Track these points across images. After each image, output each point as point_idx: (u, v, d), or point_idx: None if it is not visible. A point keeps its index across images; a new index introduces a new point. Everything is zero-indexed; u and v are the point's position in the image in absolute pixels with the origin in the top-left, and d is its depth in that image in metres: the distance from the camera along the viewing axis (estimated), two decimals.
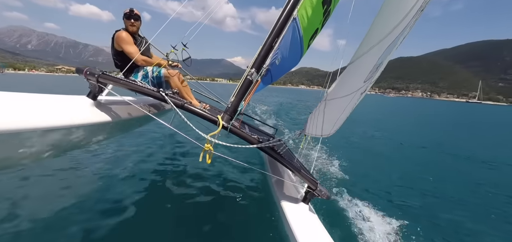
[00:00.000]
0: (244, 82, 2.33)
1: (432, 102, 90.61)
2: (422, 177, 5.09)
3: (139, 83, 2.56)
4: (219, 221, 2.90)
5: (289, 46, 2.58)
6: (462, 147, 8.73)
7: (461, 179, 5.25)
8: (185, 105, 2.21)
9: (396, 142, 8.70)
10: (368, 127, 11.46)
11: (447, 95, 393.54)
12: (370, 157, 6.69)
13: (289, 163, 2.36)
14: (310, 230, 2.05)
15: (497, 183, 4.98)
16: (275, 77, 2.85)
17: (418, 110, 31.85)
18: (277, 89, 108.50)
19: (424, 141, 9.25)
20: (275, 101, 23.54)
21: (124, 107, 2.81)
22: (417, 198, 4.09)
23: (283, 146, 2.51)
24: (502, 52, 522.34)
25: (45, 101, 1.96)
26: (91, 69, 2.35)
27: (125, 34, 2.82)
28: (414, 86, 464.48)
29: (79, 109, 2.17)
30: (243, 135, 2.22)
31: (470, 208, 3.89)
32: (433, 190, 4.46)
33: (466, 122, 20.02)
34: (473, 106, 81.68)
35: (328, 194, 2.50)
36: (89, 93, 2.40)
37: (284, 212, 2.23)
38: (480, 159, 6.97)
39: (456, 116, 25.98)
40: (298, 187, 2.80)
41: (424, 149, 7.88)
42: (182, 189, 3.51)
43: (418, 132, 12.34)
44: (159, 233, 2.60)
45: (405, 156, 7.04)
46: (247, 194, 3.59)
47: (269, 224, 2.78)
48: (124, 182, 3.59)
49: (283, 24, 2.47)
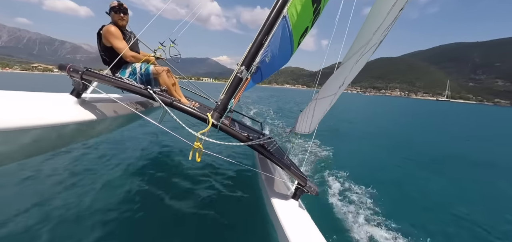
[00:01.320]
0: (234, 80, 2.31)
1: (406, 101, 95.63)
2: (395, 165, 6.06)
3: (126, 81, 2.52)
4: (209, 218, 2.91)
5: (279, 44, 2.61)
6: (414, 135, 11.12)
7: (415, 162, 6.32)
8: (174, 103, 2.19)
9: (367, 133, 10.39)
10: (345, 122, 13.18)
11: (423, 94, 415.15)
12: (353, 151, 7.15)
13: (279, 160, 2.38)
14: (300, 225, 2.07)
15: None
16: (265, 75, 2.88)
17: (387, 107, 34.89)
18: (264, 88, 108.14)
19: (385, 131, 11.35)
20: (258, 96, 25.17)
21: (110, 105, 2.74)
22: (391, 185, 4.53)
23: (273, 143, 2.46)
24: (472, 53, 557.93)
25: (25, 99, 1.89)
26: (74, 65, 2.29)
27: (114, 28, 2.74)
28: (393, 86, 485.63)
29: (62, 107, 2.08)
30: (233, 133, 2.21)
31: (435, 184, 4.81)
32: (393, 170, 5.42)
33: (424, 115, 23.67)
34: (443, 104, 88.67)
35: (317, 190, 2.52)
36: (72, 91, 2.34)
37: (274, 208, 2.24)
38: (417, 141, 9.28)
39: (419, 111, 29.44)
40: (288, 183, 2.82)
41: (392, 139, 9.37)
42: (171, 187, 3.49)
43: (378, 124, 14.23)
44: (147, 231, 2.58)
45: (376, 145, 8.06)
46: (237, 191, 3.60)
47: (259, 220, 2.78)
48: (110, 181, 3.52)
49: (273, 21, 2.45)
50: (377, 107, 29.07)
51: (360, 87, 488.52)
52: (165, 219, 2.81)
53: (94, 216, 2.70)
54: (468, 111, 42.06)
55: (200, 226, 2.77)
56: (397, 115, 21.09)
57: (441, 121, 19.47)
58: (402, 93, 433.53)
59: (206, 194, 3.43)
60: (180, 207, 3.04)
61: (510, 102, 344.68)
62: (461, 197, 4.28)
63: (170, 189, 3.45)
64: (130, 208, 2.92)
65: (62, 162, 4.02)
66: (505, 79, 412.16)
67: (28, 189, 3.18)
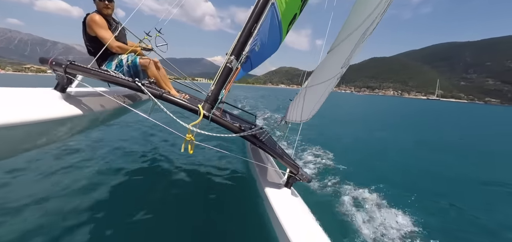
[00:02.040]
0: (223, 70, 2.28)
1: (398, 100, 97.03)
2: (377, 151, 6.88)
3: (112, 74, 2.45)
4: (202, 210, 2.89)
5: (268, 32, 2.57)
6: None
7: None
8: (164, 95, 2.14)
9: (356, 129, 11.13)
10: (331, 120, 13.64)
11: (415, 93, 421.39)
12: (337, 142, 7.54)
13: (271, 150, 2.39)
14: (294, 212, 2.08)
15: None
16: (255, 64, 2.79)
17: (379, 107, 35.25)
18: (259, 88, 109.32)
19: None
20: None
21: (96, 99, 2.64)
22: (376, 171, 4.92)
23: (264, 133, 2.59)
24: (464, 53, 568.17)
25: (5, 95, 1.79)
26: (57, 59, 2.22)
27: (99, 17, 2.63)
28: (387, 85, 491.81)
29: (45, 103, 1.99)
30: (225, 124, 2.20)
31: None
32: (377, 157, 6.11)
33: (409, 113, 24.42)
34: (434, 102, 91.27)
35: (309, 177, 2.56)
36: (56, 85, 2.25)
37: (268, 197, 2.26)
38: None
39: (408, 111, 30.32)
40: (280, 172, 2.83)
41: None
42: (164, 180, 3.44)
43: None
44: (140, 227, 2.52)
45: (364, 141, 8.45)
46: (230, 182, 3.60)
47: (253, 210, 2.80)
48: (99, 177, 3.38)
49: (261, 9, 2.41)
50: (368, 109, 27.78)
51: (354, 87, 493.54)
52: (153, 212, 2.71)
53: (80, 215, 2.58)
54: (459, 110, 42.17)
55: (192, 217, 2.75)
56: (386, 116, 19.96)
57: (433, 121, 18.68)
58: (395, 92, 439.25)
59: (199, 185, 3.43)
60: (172, 199, 3.02)
61: (500, 101, 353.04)
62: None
63: (163, 181, 3.40)
64: (120, 202, 2.87)
65: (46, 160, 3.79)
66: (495, 78, 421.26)
67: (15, 189, 3.00)
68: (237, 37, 2.40)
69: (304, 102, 2.03)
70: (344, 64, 1.70)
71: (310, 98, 2.02)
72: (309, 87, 1.87)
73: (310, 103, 2.08)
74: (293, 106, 2.18)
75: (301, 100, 2.00)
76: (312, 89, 1.89)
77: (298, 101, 2.05)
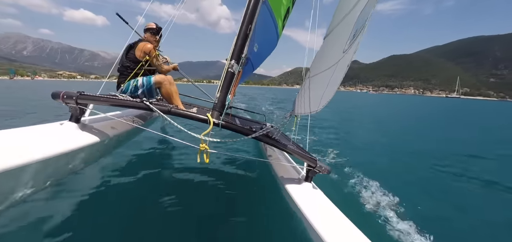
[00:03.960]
0: (226, 76, 2.29)
1: (415, 99, 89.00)
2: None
3: (120, 97, 2.61)
4: (227, 215, 2.79)
5: (264, 30, 2.60)
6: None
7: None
8: (172, 110, 2.19)
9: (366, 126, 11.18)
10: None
11: (439, 91, 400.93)
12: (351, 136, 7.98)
13: (285, 146, 2.39)
14: (318, 206, 2.07)
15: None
16: (256, 65, 2.80)
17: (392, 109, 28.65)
18: (272, 90, 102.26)
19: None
20: None
21: (110, 123, 2.78)
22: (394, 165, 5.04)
23: (276, 131, 2.51)
24: (493, 47, 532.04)
25: (24, 135, 1.90)
26: (67, 92, 2.29)
27: (151, 45, 2.99)
28: (407, 84, 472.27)
29: (63, 136, 2.10)
30: (235, 128, 2.23)
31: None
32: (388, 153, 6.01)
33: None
34: (452, 100, 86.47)
35: (329, 168, 2.54)
36: (71, 117, 2.35)
37: (290, 194, 2.26)
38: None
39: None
40: (298, 168, 2.83)
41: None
42: (186, 191, 3.39)
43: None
44: (170, 236, 2.41)
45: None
46: (250, 184, 3.61)
47: (277, 209, 2.76)
48: (123, 198, 3.16)
49: (254, 9, 2.41)
50: (379, 109, 24.01)
51: (372, 86, 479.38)
52: (181, 222, 2.63)
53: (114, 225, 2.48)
54: (487, 109, 34.89)
55: (218, 223, 2.65)
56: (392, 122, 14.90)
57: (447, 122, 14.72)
58: (416, 91, 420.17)
59: (221, 192, 3.35)
60: (195, 208, 2.92)
61: None
62: None
63: (184, 193, 3.31)
64: (151, 220, 2.68)
65: (62, 193, 3.40)
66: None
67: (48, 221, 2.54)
68: (234, 41, 2.40)
69: (310, 93, 2.01)
70: (346, 49, 1.66)
71: (316, 88, 2.00)
72: (312, 77, 1.86)
73: (317, 94, 2.05)
74: (299, 100, 2.18)
75: (306, 91, 2.00)
76: (316, 78, 1.88)
77: (303, 93, 2.04)
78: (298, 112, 2.27)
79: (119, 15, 3.43)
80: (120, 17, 3.50)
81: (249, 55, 2.42)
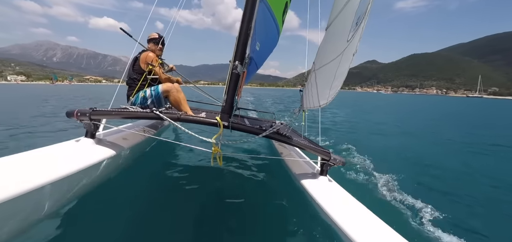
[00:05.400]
0: (231, 78, 2.30)
1: (435, 99, 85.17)
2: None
3: (131, 109, 2.65)
4: (246, 216, 2.74)
5: (264, 28, 2.60)
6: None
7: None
8: (182, 117, 2.23)
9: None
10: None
11: (464, 91, 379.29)
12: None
13: (297, 142, 2.40)
14: (335, 198, 2.06)
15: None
16: (259, 63, 2.83)
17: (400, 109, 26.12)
18: (283, 90, 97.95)
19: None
20: None
21: (123, 135, 2.85)
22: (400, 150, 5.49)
23: (287, 127, 2.49)
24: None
25: (45, 154, 1.95)
26: (81, 110, 2.34)
27: (154, 55, 3.04)
28: (429, 84, 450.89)
29: (81, 152, 2.16)
30: (245, 129, 2.24)
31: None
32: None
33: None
34: (473, 100, 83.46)
35: (343, 160, 2.52)
36: (86, 133, 2.41)
37: (306, 189, 2.25)
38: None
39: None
40: (311, 162, 2.83)
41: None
42: (202, 195, 3.26)
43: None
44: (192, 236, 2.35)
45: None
46: (265, 183, 3.56)
47: (294, 204, 2.73)
48: (141, 209, 2.95)
49: (252, 7, 2.39)
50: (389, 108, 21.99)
51: (391, 86, 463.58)
52: (203, 223, 2.54)
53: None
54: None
55: (236, 223, 2.57)
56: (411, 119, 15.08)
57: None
58: (438, 91, 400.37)
59: (236, 194, 3.26)
60: (212, 210, 2.82)
61: None
62: None
63: (199, 196, 3.18)
64: (173, 227, 2.52)
65: (84, 208, 2.96)
66: None
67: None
68: (236, 42, 2.38)
69: (318, 87, 1.94)
70: (350, 38, 1.60)
71: (323, 81, 1.93)
72: (317, 70, 1.80)
73: (324, 86, 1.99)
74: (307, 94, 2.10)
75: (313, 85, 1.92)
76: (322, 71, 1.82)
77: (310, 87, 1.97)
78: (306, 107, 2.25)
79: (122, 29, 3.44)
80: (124, 31, 3.45)
81: (252, 54, 2.44)
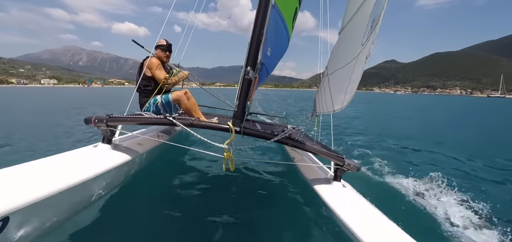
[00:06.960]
0: (243, 83, 2.30)
1: (456, 99, 78.87)
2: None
3: (146, 115, 2.71)
4: (259, 222, 2.68)
5: (275, 33, 2.62)
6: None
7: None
8: (194, 122, 2.26)
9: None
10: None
11: (491, 91, 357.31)
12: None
13: (310, 147, 2.36)
14: (350, 204, 2.03)
15: None
16: (270, 69, 2.84)
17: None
18: (299, 91, 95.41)
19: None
20: None
21: (139, 140, 2.96)
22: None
23: (299, 132, 2.45)
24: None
25: (65, 160, 2.03)
26: (98, 116, 2.41)
27: (155, 59, 3.06)
28: (452, 84, 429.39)
29: (98, 158, 2.23)
30: (257, 134, 2.24)
31: None
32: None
33: None
34: (495, 100, 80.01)
35: (358, 165, 2.46)
36: (103, 139, 2.50)
37: (320, 195, 2.22)
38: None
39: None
40: (325, 167, 2.79)
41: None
42: (215, 200, 3.22)
43: None
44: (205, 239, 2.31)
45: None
46: (277, 188, 3.50)
47: (307, 210, 2.68)
48: (156, 212, 2.87)
49: (264, 13, 2.41)
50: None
51: (411, 87, 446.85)
52: (216, 228, 2.46)
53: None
54: None
55: (250, 233, 2.48)
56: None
57: None
58: (463, 91, 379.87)
59: (249, 199, 3.21)
60: (225, 214, 2.74)
61: None
62: None
63: (212, 201, 3.15)
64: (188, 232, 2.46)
65: (102, 212, 2.91)
66: None
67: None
68: (248, 48, 2.38)
69: (331, 91, 1.91)
70: (365, 42, 1.54)
71: (337, 86, 1.89)
72: (330, 74, 1.78)
73: (339, 91, 1.93)
74: (320, 99, 2.07)
75: (326, 89, 1.89)
76: (335, 75, 1.78)
77: (324, 92, 1.93)
78: (319, 112, 2.26)
79: (134, 41, 3.48)
80: (136, 42, 3.53)
81: (263, 60, 2.41)
